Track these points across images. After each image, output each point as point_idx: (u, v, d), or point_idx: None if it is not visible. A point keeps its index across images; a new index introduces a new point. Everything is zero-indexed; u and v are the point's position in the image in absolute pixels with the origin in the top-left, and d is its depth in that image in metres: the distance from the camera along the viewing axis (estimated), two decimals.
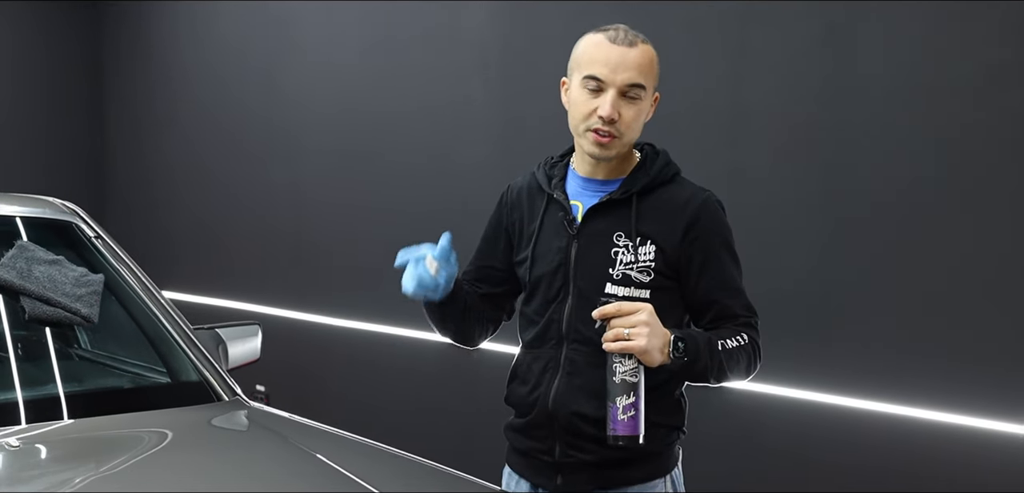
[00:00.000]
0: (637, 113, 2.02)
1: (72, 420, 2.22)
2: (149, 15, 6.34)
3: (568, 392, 2.04)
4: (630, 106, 2.00)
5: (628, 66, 1.99)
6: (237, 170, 5.66)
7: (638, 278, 2.02)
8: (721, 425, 3.52)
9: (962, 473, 2.98)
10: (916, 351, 3.08)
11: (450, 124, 4.47)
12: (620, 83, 1.99)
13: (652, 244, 2.03)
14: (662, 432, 2.05)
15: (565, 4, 3.97)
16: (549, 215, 2.12)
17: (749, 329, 2.05)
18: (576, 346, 2.05)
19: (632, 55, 2.00)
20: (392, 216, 4.71)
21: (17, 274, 2.34)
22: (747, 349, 2.03)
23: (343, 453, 2.19)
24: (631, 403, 1.88)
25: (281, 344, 5.28)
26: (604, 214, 2.06)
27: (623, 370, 1.89)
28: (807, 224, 3.33)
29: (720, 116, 3.53)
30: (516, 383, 2.16)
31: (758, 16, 3.42)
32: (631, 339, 1.87)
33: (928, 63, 3.05)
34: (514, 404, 2.16)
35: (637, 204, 2.05)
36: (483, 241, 2.27)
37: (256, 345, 2.91)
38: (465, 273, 2.28)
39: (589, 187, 2.10)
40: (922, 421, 3.07)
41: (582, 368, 2.04)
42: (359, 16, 4.91)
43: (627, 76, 1.99)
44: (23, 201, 2.75)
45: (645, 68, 2.01)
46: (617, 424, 1.89)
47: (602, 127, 1.99)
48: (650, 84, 2.04)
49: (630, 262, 2.02)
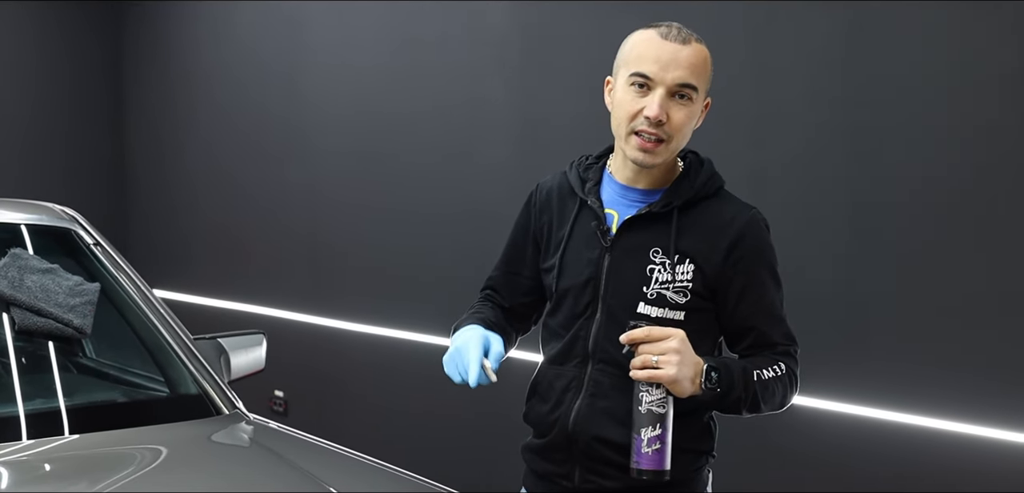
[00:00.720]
0: (688, 117, 1.87)
1: (66, 436, 2.14)
2: (168, 18, 6.30)
3: (590, 415, 1.92)
4: (680, 108, 1.86)
5: (680, 64, 1.85)
6: (255, 172, 5.60)
7: (673, 298, 1.89)
8: (742, 438, 3.40)
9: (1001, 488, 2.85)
10: (945, 361, 2.96)
11: (468, 125, 4.39)
12: (670, 82, 1.84)
13: (691, 263, 1.89)
14: (690, 458, 1.93)
15: (586, 3, 3.87)
16: (580, 222, 1.98)
17: (788, 359, 1.93)
18: (602, 366, 1.92)
19: (685, 53, 1.85)
20: (409, 217, 4.63)
21: (8, 283, 2.26)
22: (784, 379, 1.90)
23: (341, 473, 2.10)
24: (657, 436, 1.76)
25: (301, 348, 5.23)
26: (642, 227, 1.92)
27: (650, 400, 1.77)
28: (831, 226, 3.22)
29: (742, 116, 3.42)
30: (536, 400, 2.03)
31: (782, 14, 3.30)
32: (660, 367, 1.75)
33: (956, 61, 2.94)
34: (533, 423, 2.04)
35: (678, 219, 1.91)
36: (510, 246, 2.13)
37: (260, 355, 2.82)
38: (490, 279, 2.16)
39: (627, 196, 1.96)
40: (950, 434, 2.95)
41: (607, 390, 1.91)
42: (376, 17, 4.84)
43: (678, 75, 1.84)
44: (22, 207, 2.68)
45: (698, 68, 1.87)
46: (641, 457, 1.77)
47: (648, 129, 1.85)
48: (702, 86, 1.89)
49: (666, 281, 1.89)
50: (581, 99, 3.79)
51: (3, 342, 2.30)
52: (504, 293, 2.11)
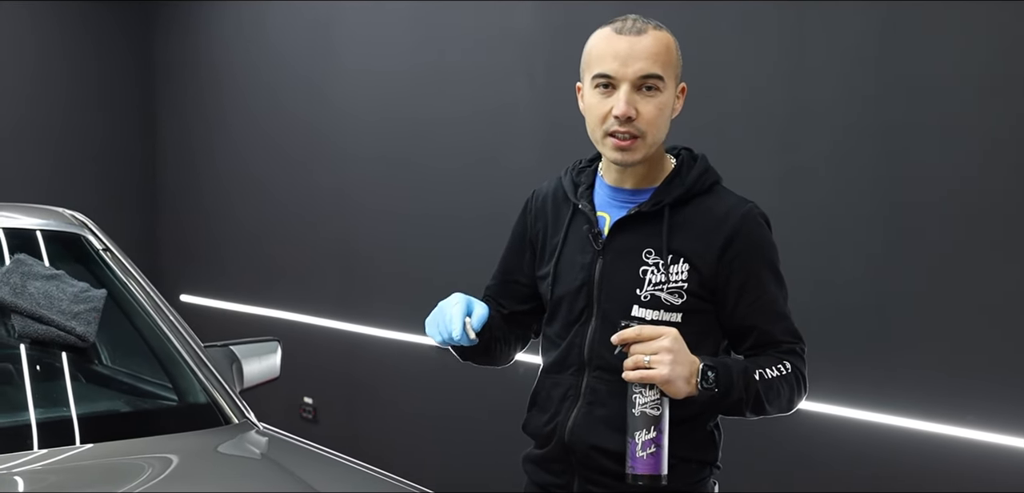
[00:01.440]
0: (658, 107, 1.81)
1: (77, 446, 2.11)
2: (197, 23, 6.33)
3: (587, 424, 1.86)
4: (648, 100, 1.80)
5: (639, 56, 1.79)
6: (284, 178, 5.60)
7: (669, 300, 1.82)
8: (762, 446, 3.30)
9: None
10: (980, 367, 2.85)
11: (494, 129, 4.35)
12: (633, 76, 1.79)
13: (685, 262, 1.83)
14: (693, 468, 1.85)
15: (613, 4, 3.79)
16: (574, 227, 1.93)
17: (793, 357, 1.84)
18: (599, 374, 1.86)
19: (643, 43, 1.80)
20: (438, 222, 4.60)
21: (10, 290, 2.22)
22: (790, 379, 1.82)
23: (344, 484, 2.04)
24: (652, 439, 1.69)
25: (330, 355, 5.19)
26: (633, 228, 1.86)
27: (644, 402, 1.70)
28: (869, 230, 3.12)
29: (775, 117, 3.35)
30: (535, 411, 1.98)
31: (814, 14, 3.23)
32: (652, 367, 1.68)
33: (990, 62, 2.84)
34: (531, 434, 1.98)
35: (670, 217, 1.85)
36: (507, 251, 2.08)
37: (275, 363, 2.75)
38: (488, 288, 2.10)
39: (617, 197, 1.90)
40: (982, 443, 2.82)
41: (605, 398, 1.84)
42: (403, 23, 4.82)
43: (639, 66, 1.79)
44: (32, 212, 2.66)
45: (660, 55, 1.80)
46: (636, 461, 1.70)
47: (620, 129, 1.79)
48: (670, 73, 1.82)
49: (660, 282, 1.82)
50: None
51: (14, 351, 2.27)
52: (502, 301, 2.06)
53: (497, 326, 2.00)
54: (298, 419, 5.30)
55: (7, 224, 2.53)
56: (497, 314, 2.02)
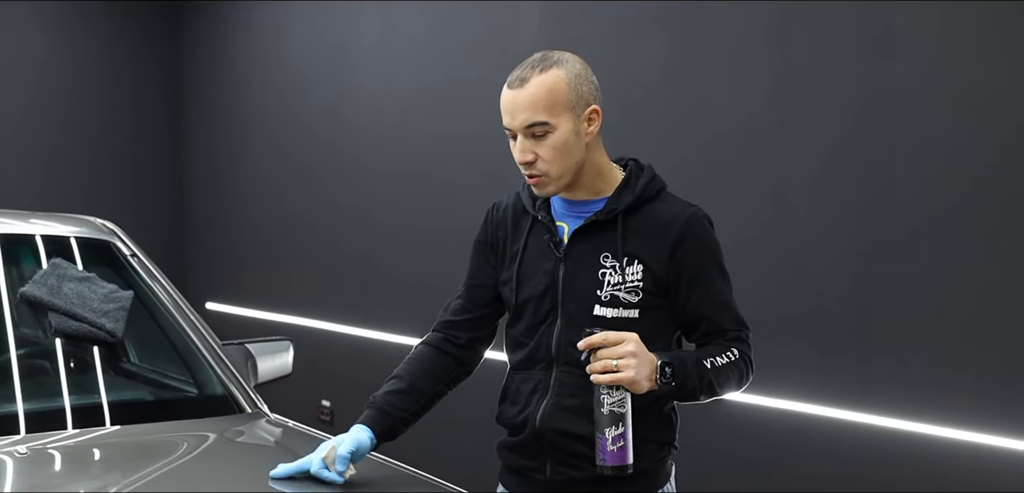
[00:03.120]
0: (554, 145, 1.96)
1: (107, 428, 2.35)
2: (222, 44, 6.58)
3: (556, 413, 2.03)
4: (540, 143, 1.96)
5: (521, 107, 1.96)
6: (304, 193, 5.83)
7: (626, 298, 2.00)
8: (756, 446, 3.49)
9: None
10: (962, 369, 3.02)
11: (504, 145, 4.50)
12: (520, 126, 1.97)
13: (639, 263, 2.00)
14: (653, 448, 2.03)
15: (613, 27, 3.99)
16: (534, 237, 2.10)
17: (739, 343, 2.03)
18: (566, 368, 2.03)
19: (523, 94, 1.96)
20: (450, 234, 4.76)
21: (47, 290, 2.46)
22: (738, 364, 2.01)
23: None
24: (620, 434, 1.86)
25: (348, 359, 5.40)
26: (590, 235, 2.03)
27: (611, 402, 1.86)
28: (849, 238, 3.29)
29: (763, 134, 3.52)
30: (506, 404, 2.15)
31: (800, 31, 3.40)
32: (619, 370, 1.86)
33: (968, 76, 3.00)
34: (504, 424, 2.15)
35: (623, 223, 2.02)
36: (471, 261, 2.25)
37: (287, 360, 2.98)
38: (454, 300, 2.26)
39: (573, 209, 2.07)
40: (960, 442, 3.00)
41: (573, 390, 2.01)
42: (416, 44, 5.03)
43: (523, 118, 1.96)
44: (66, 221, 2.89)
45: (540, 101, 1.95)
46: (607, 455, 1.87)
47: (526, 172, 2.00)
48: (558, 112, 1.96)
49: (618, 283, 2.00)
50: (610, 117, 3.90)
51: (52, 345, 2.51)
52: (469, 306, 2.21)
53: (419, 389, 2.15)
54: (316, 421, 5.51)
55: (45, 231, 2.77)
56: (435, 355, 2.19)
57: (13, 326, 2.51)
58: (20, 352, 2.50)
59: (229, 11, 6.53)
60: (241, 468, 2.25)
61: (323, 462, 2.00)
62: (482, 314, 2.21)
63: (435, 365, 2.19)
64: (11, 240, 2.69)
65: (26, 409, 2.31)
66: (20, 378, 2.39)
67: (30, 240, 2.71)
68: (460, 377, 2.24)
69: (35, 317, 2.53)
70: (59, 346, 2.48)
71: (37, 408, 2.35)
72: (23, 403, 2.32)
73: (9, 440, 2.18)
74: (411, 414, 2.14)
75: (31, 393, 2.39)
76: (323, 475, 1.99)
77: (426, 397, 2.17)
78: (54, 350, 2.49)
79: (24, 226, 2.78)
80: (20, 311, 2.52)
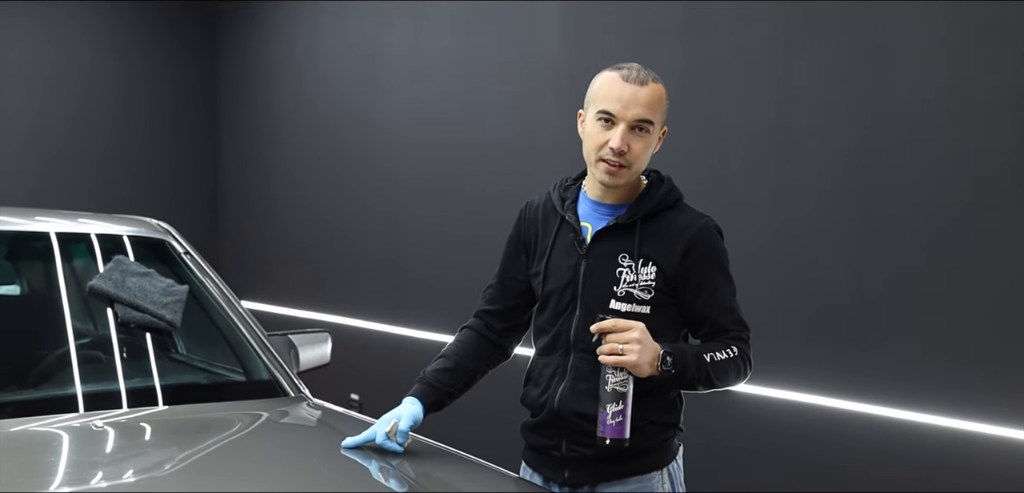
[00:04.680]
0: (645, 146, 2.19)
1: (161, 407, 2.59)
2: (256, 57, 6.84)
3: (572, 395, 2.24)
4: (639, 139, 2.18)
5: (638, 103, 2.16)
6: (334, 196, 6.07)
7: (640, 295, 2.21)
8: (758, 434, 3.71)
9: (993, 483, 3.10)
10: (946, 358, 3.23)
11: (526, 154, 4.74)
12: (630, 118, 2.16)
13: (653, 265, 2.21)
14: (658, 429, 2.25)
15: (631, 39, 4.20)
16: (561, 234, 2.31)
17: (739, 342, 2.24)
18: (582, 355, 2.25)
19: (643, 93, 2.17)
20: (473, 239, 4.98)
21: (113, 284, 2.70)
22: (736, 361, 2.21)
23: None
24: (619, 410, 2.09)
25: (376, 354, 5.63)
26: (611, 236, 2.25)
27: (615, 380, 2.09)
28: (846, 238, 3.49)
29: (767, 141, 3.72)
30: (530, 386, 2.37)
31: (802, 49, 3.60)
32: (624, 354, 2.07)
33: (960, 87, 3.20)
34: (528, 405, 2.37)
35: (641, 228, 2.23)
36: (505, 256, 2.47)
37: (326, 350, 3.21)
38: (488, 289, 2.49)
39: (598, 210, 2.29)
40: (948, 430, 3.20)
41: (587, 374, 2.23)
42: (442, 57, 5.24)
43: (637, 112, 2.16)
44: (124, 221, 3.14)
45: (654, 105, 2.18)
46: (606, 428, 2.10)
47: (613, 158, 2.17)
48: (658, 119, 2.20)
49: (632, 281, 2.21)
50: None
51: (115, 336, 2.75)
52: (500, 296, 2.45)
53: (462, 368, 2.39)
54: None
55: (106, 231, 3.02)
56: (477, 338, 2.44)
57: (82, 318, 2.76)
58: (82, 341, 2.75)
59: (263, 18, 6.79)
60: (291, 443, 2.48)
61: (387, 435, 2.25)
62: (514, 305, 2.44)
63: (476, 348, 2.44)
64: (75, 239, 2.94)
65: (85, 391, 2.54)
66: (80, 363, 2.63)
67: (92, 239, 2.95)
68: (498, 360, 2.48)
69: (100, 308, 2.77)
70: (118, 334, 2.71)
71: (99, 390, 2.59)
72: (83, 385, 2.55)
73: (70, 417, 2.42)
74: (456, 390, 2.39)
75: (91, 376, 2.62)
76: (387, 445, 2.26)
77: (469, 375, 2.41)
78: (118, 341, 2.73)
79: (88, 227, 3.02)
80: (87, 302, 2.77)
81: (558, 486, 2.32)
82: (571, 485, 2.30)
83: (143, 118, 6.99)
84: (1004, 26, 3.09)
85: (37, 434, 2.31)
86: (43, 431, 2.32)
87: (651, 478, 2.26)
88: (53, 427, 2.34)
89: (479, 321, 2.47)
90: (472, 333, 2.46)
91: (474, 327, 2.47)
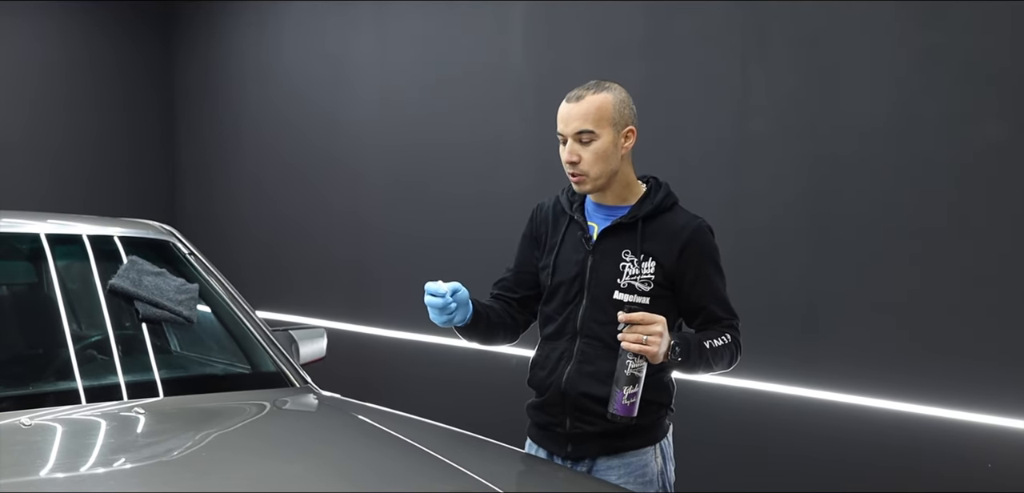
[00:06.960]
0: (595, 152, 2.42)
1: (177, 396, 2.75)
2: (216, 53, 6.90)
3: (578, 377, 2.48)
4: (586, 148, 2.42)
5: (574, 117, 2.43)
6: (297, 198, 6.19)
7: (640, 287, 2.45)
8: (719, 422, 3.96)
9: (950, 467, 3.40)
10: (891, 349, 3.51)
11: (491, 158, 4.92)
12: (571, 132, 2.43)
13: (653, 260, 2.46)
14: (653, 408, 2.49)
15: (595, 55, 4.42)
16: (569, 232, 2.57)
17: (732, 331, 2.50)
18: (588, 340, 2.49)
19: (577, 108, 2.43)
20: (439, 240, 5.16)
21: (131, 283, 2.86)
22: (730, 347, 2.47)
23: (401, 426, 2.63)
24: (633, 392, 2.31)
25: (342, 352, 5.76)
26: (615, 234, 2.49)
27: (634, 366, 2.30)
28: (799, 241, 3.75)
29: (724, 150, 3.97)
30: (537, 369, 2.61)
31: (759, 64, 3.86)
32: (648, 344, 2.29)
33: (902, 104, 3.48)
34: (535, 386, 2.61)
35: (642, 227, 2.48)
36: (519, 251, 2.71)
37: (322, 345, 3.39)
38: (502, 278, 2.72)
39: (602, 211, 2.54)
40: (900, 414, 3.50)
41: (592, 358, 2.47)
42: (410, 57, 5.39)
43: (575, 125, 2.42)
44: (129, 224, 3.27)
45: (591, 114, 2.41)
46: (620, 407, 2.32)
47: (570, 170, 2.46)
48: (603, 126, 2.42)
49: (634, 274, 2.45)
50: None
51: (131, 329, 2.89)
52: (514, 286, 2.69)
53: (494, 313, 2.62)
54: None
55: (113, 233, 3.16)
56: (502, 306, 2.67)
57: (95, 314, 2.91)
58: (100, 337, 2.89)
59: (226, 20, 6.86)
60: (307, 428, 2.67)
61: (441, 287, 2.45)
62: (525, 296, 2.68)
63: (500, 308, 2.66)
64: (80, 240, 3.06)
65: (126, 380, 2.70)
66: (105, 356, 2.77)
67: (109, 240, 3.08)
68: (510, 333, 2.69)
69: (116, 304, 2.91)
70: (141, 330, 2.87)
71: (137, 380, 2.73)
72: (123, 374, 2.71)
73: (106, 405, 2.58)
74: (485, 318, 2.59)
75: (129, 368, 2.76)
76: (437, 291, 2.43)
77: (496, 316, 2.63)
78: (132, 335, 2.89)
79: (97, 229, 3.14)
80: (108, 300, 2.91)
81: (561, 459, 2.55)
82: (573, 459, 2.53)
83: (95, 119, 7.04)
84: (944, 49, 3.38)
85: (75, 422, 2.46)
86: (80, 419, 2.48)
87: (646, 453, 2.51)
88: (89, 415, 2.50)
89: (500, 302, 2.69)
90: (496, 301, 2.69)
91: (495, 298, 2.70)
